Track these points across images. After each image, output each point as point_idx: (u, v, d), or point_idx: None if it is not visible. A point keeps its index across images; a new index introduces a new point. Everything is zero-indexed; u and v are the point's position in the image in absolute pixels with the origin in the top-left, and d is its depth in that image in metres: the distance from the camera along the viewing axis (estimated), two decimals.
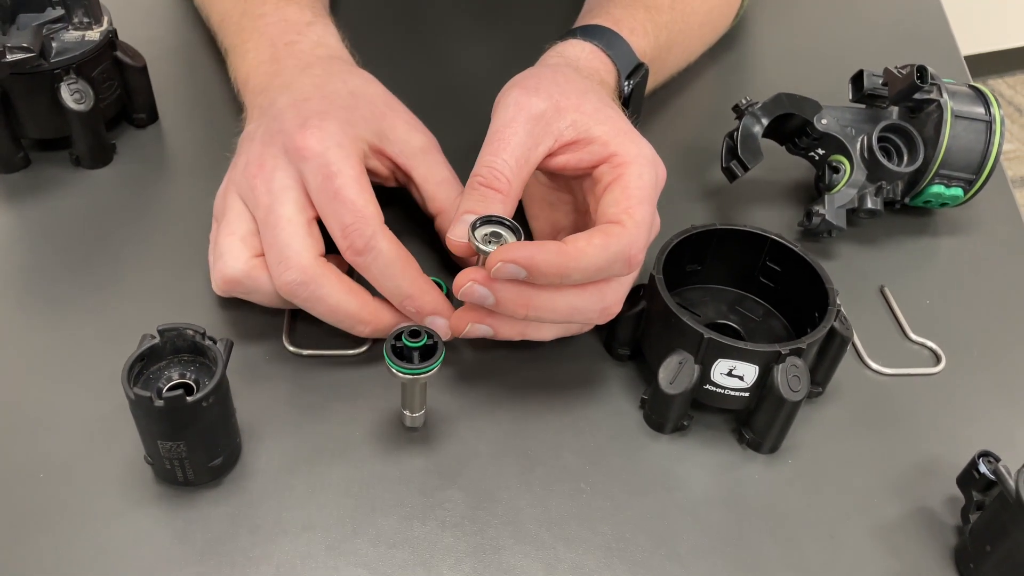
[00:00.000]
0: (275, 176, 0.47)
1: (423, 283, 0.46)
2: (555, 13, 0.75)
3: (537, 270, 0.42)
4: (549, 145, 0.47)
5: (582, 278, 0.43)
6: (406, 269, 0.46)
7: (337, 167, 0.46)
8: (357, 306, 0.46)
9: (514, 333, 0.46)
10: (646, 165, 0.46)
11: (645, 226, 0.45)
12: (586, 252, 0.43)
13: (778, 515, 0.45)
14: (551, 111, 0.47)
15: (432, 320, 0.47)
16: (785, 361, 0.44)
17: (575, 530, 0.44)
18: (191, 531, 0.42)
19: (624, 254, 0.43)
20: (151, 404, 0.39)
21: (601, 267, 0.43)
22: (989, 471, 0.43)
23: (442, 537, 0.43)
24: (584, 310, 0.45)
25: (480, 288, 0.43)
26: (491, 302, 0.43)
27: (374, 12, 0.76)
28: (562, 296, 0.44)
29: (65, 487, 0.44)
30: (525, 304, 0.43)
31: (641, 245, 0.44)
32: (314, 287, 0.45)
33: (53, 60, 0.56)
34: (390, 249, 0.45)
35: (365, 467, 0.45)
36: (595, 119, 0.47)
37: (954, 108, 0.56)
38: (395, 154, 0.51)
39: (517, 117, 0.46)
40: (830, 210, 0.57)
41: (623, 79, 0.56)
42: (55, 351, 0.50)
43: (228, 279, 0.47)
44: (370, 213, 0.45)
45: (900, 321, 0.55)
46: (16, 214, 0.57)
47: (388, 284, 0.46)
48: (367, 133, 0.49)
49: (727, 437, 0.48)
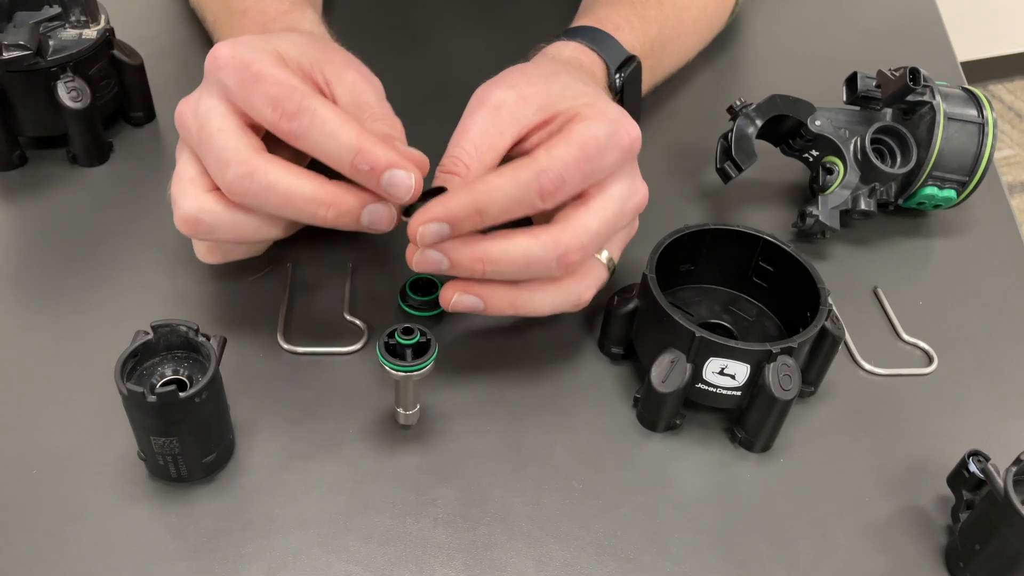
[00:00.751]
0: (200, 101, 0.45)
1: (370, 136, 0.42)
2: (550, 12, 0.75)
3: (453, 216, 0.41)
4: (516, 132, 0.46)
5: (499, 212, 0.42)
6: (347, 123, 0.42)
7: (251, 58, 0.43)
8: (313, 188, 0.43)
9: (504, 304, 0.45)
10: (599, 119, 0.45)
11: (562, 161, 0.43)
12: (493, 184, 0.42)
13: (770, 514, 0.45)
14: (514, 100, 0.46)
15: (391, 177, 0.42)
16: (776, 360, 0.44)
17: (567, 527, 0.44)
18: (184, 527, 0.42)
19: (534, 184, 0.42)
20: (144, 400, 0.39)
21: (513, 197, 0.42)
22: (979, 470, 0.43)
23: (435, 534, 0.43)
24: (541, 258, 0.44)
25: (432, 253, 0.43)
26: (446, 266, 0.43)
27: (368, 13, 0.76)
28: (513, 243, 0.43)
29: (58, 483, 0.44)
30: (479, 257, 0.43)
31: (553, 176, 0.43)
32: (260, 175, 0.42)
33: (50, 58, 0.56)
34: (325, 106, 0.42)
35: (358, 464, 0.45)
36: (561, 96, 0.47)
37: (947, 110, 0.57)
38: (322, 83, 0.47)
39: (477, 109, 0.46)
40: (824, 211, 0.57)
41: (613, 72, 0.56)
42: (49, 347, 0.50)
43: (185, 219, 0.45)
44: (296, 83, 0.43)
45: (893, 322, 0.55)
46: (12, 212, 0.57)
47: (332, 145, 0.42)
48: (295, 53, 0.46)
49: (719, 436, 0.48)
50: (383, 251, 0.56)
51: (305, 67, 0.46)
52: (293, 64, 0.46)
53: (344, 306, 0.52)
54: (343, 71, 0.47)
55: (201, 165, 0.45)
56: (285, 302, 0.52)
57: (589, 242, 0.45)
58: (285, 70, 0.43)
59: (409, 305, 0.52)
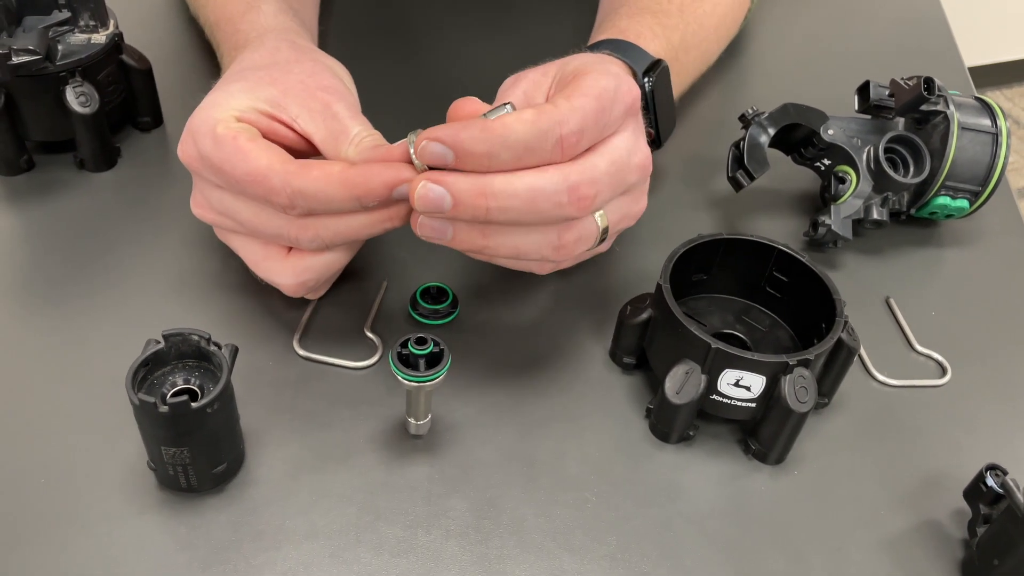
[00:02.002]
0: (208, 195, 0.47)
1: (358, 170, 0.42)
2: (556, 20, 0.75)
3: (462, 148, 0.40)
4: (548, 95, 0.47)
5: (511, 157, 0.41)
6: (332, 180, 0.42)
7: (219, 157, 0.44)
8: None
9: (474, 234, 0.43)
10: (604, 73, 0.44)
11: (582, 112, 0.42)
12: (512, 126, 0.40)
13: (784, 526, 0.45)
14: (535, 76, 0.47)
15: (399, 196, 0.42)
16: (792, 372, 0.44)
17: (580, 540, 0.43)
18: (194, 538, 0.42)
19: (554, 132, 0.41)
20: (155, 410, 0.39)
21: (530, 144, 0.41)
22: (997, 484, 0.42)
23: (446, 546, 0.43)
24: (551, 192, 0.41)
25: (435, 187, 0.41)
26: (449, 203, 0.41)
27: (367, 19, 0.75)
28: (518, 176, 0.41)
29: (67, 492, 0.43)
30: (482, 191, 0.41)
31: (574, 127, 0.41)
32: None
33: (59, 63, 0.55)
34: (308, 178, 0.42)
35: (369, 475, 0.45)
36: (574, 64, 0.46)
37: (960, 120, 0.56)
38: (289, 121, 0.47)
39: (504, 89, 0.47)
40: (836, 220, 0.56)
41: (640, 77, 0.55)
42: (58, 354, 0.49)
43: (296, 289, 0.48)
44: (272, 167, 0.43)
45: (906, 332, 0.55)
46: (20, 217, 0.57)
47: (336, 204, 0.43)
48: (253, 102, 0.46)
49: (733, 447, 0.48)
50: (422, 274, 0.54)
51: (267, 113, 0.46)
52: (255, 117, 0.46)
53: (367, 321, 0.52)
54: (305, 101, 0.47)
55: (260, 241, 0.47)
56: (310, 308, 0.52)
57: (599, 178, 0.43)
58: (255, 152, 0.43)
59: (419, 313, 0.51)
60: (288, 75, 0.48)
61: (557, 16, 0.76)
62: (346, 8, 0.75)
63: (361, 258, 0.54)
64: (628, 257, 0.57)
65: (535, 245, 0.44)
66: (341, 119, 0.46)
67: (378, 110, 0.61)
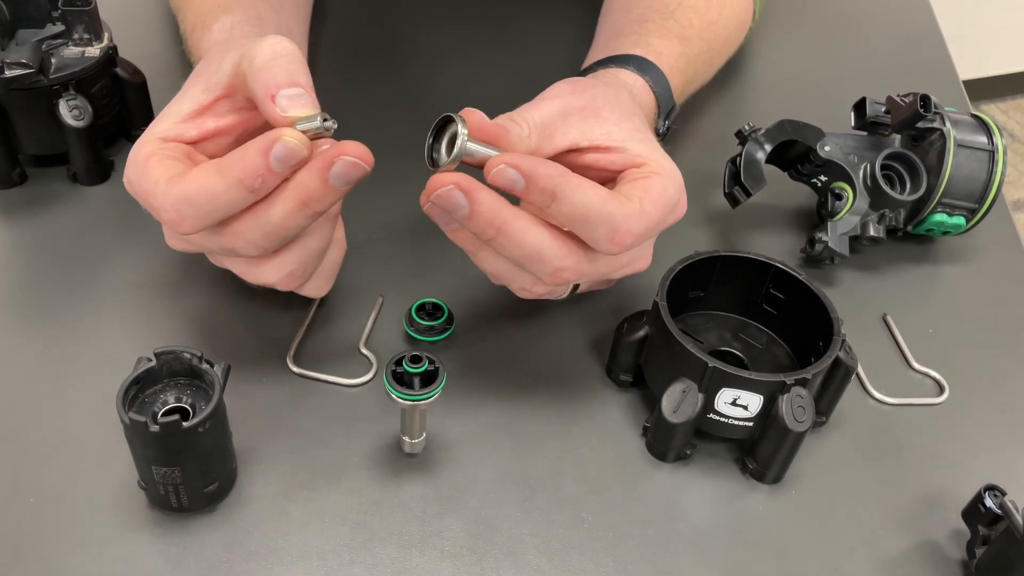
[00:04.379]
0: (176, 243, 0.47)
1: (231, 153, 0.41)
2: (556, 33, 0.75)
3: (535, 182, 0.40)
4: (577, 140, 0.45)
5: (568, 212, 0.41)
6: (213, 171, 0.41)
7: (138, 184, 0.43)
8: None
9: (467, 239, 0.44)
10: (674, 186, 0.45)
11: (648, 222, 0.43)
12: (585, 190, 0.41)
13: (781, 547, 0.44)
14: (590, 112, 0.46)
15: (277, 154, 0.40)
16: (790, 391, 0.43)
17: (577, 560, 0.43)
18: (185, 558, 0.41)
19: (614, 222, 0.41)
20: (146, 429, 0.38)
21: (590, 214, 0.41)
22: (995, 505, 0.42)
23: (441, 567, 0.42)
24: (546, 258, 0.42)
25: (458, 195, 0.40)
26: (465, 212, 0.41)
27: (361, 33, 0.75)
28: (535, 231, 0.42)
29: (56, 512, 0.43)
30: (498, 225, 0.41)
31: (635, 231, 0.42)
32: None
33: (52, 76, 0.55)
34: (188, 184, 0.41)
35: (363, 494, 0.45)
36: (634, 136, 0.46)
37: (957, 137, 0.56)
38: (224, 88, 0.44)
39: (558, 97, 0.46)
40: (832, 237, 0.56)
41: (661, 119, 0.56)
42: (48, 371, 0.49)
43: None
44: (149, 184, 0.42)
45: (903, 350, 0.54)
46: (12, 230, 0.56)
47: (223, 195, 0.41)
48: (184, 105, 0.45)
49: (730, 466, 0.48)
50: (418, 290, 0.54)
51: (192, 114, 0.44)
52: (179, 130, 0.44)
53: (362, 338, 0.51)
54: (213, 71, 0.45)
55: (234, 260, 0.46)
56: (305, 325, 0.51)
57: (591, 275, 0.44)
58: (151, 171, 0.42)
59: (415, 329, 0.51)
60: (206, 65, 0.46)
61: (555, 31, 0.76)
62: (338, 23, 0.75)
63: (356, 274, 0.54)
64: None
65: (511, 277, 0.45)
66: (242, 49, 0.43)
67: (371, 124, 0.61)
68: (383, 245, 0.57)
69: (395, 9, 0.78)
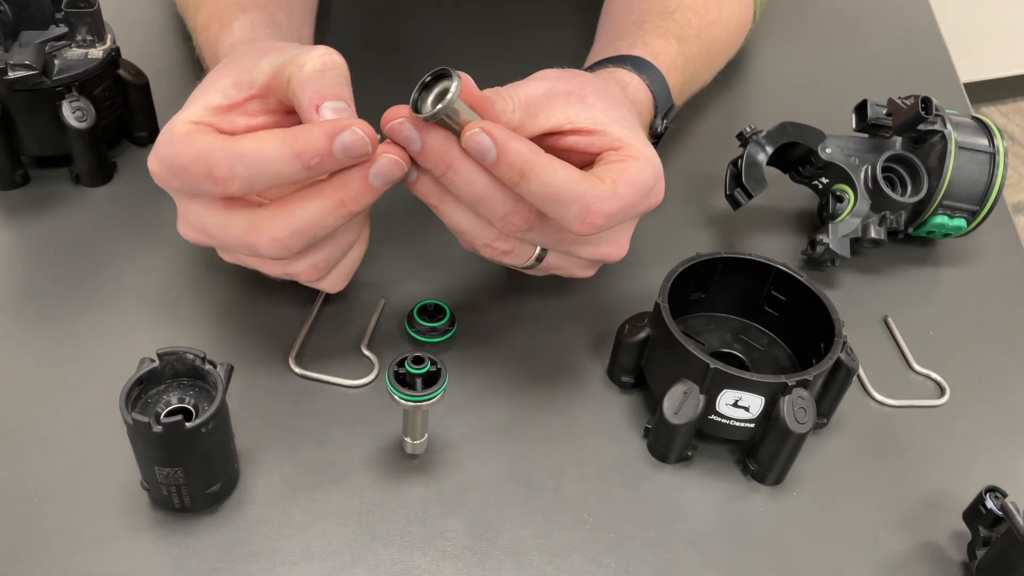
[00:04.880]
0: (186, 215, 0.46)
1: (297, 132, 0.40)
2: (556, 35, 0.75)
3: (505, 155, 0.40)
4: (560, 122, 0.45)
5: (539, 191, 0.41)
6: (268, 141, 0.40)
7: (169, 154, 0.42)
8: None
9: (429, 189, 0.44)
10: (651, 170, 0.45)
11: (621, 203, 0.42)
12: (556, 169, 0.41)
13: (782, 549, 0.45)
14: (576, 98, 0.46)
15: (342, 144, 0.40)
16: (791, 393, 0.44)
17: (578, 561, 0.43)
18: (187, 559, 0.42)
19: (585, 202, 0.41)
20: (149, 430, 0.38)
21: (560, 194, 0.41)
22: (996, 507, 0.42)
23: (443, 568, 0.42)
24: (494, 204, 0.42)
25: (407, 130, 0.41)
26: (416, 146, 0.41)
27: (365, 35, 0.76)
28: (485, 177, 0.42)
29: (58, 512, 0.43)
30: (448, 160, 0.41)
31: (607, 212, 0.42)
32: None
33: (55, 77, 0.55)
34: (245, 142, 0.40)
35: (365, 495, 0.45)
36: (619, 124, 0.46)
37: (958, 139, 0.57)
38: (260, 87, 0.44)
39: (544, 80, 0.46)
40: (834, 239, 0.56)
41: (658, 118, 0.56)
42: (51, 371, 0.49)
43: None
44: (211, 145, 0.41)
45: (904, 352, 0.55)
46: (15, 231, 0.56)
47: (277, 168, 0.40)
48: (213, 98, 0.44)
49: (731, 468, 0.48)
50: (420, 291, 0.54)
51: (221, 107, 0.44)
52: (210, 118, 0.44)
53: (364, 339, 0.52)
54: (247, 67, 0.44)
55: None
56: (307, 325, 0.52)
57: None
58: (198, 138, 0.42)
59: (416, 331, 0.51)
60: (236, 61, 0.46)
61: (555, 33, 0.76)
62: (340, 26, 0.75)
63: (358, 276, 0.54)
64: (626, 276, 0.56)
65: (473, 232, 0.45)
66: (285, 53, 0.43)
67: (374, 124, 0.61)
68: (385, 247, 0.57)
69: (395, 11, 0.78)
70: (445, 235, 0.48)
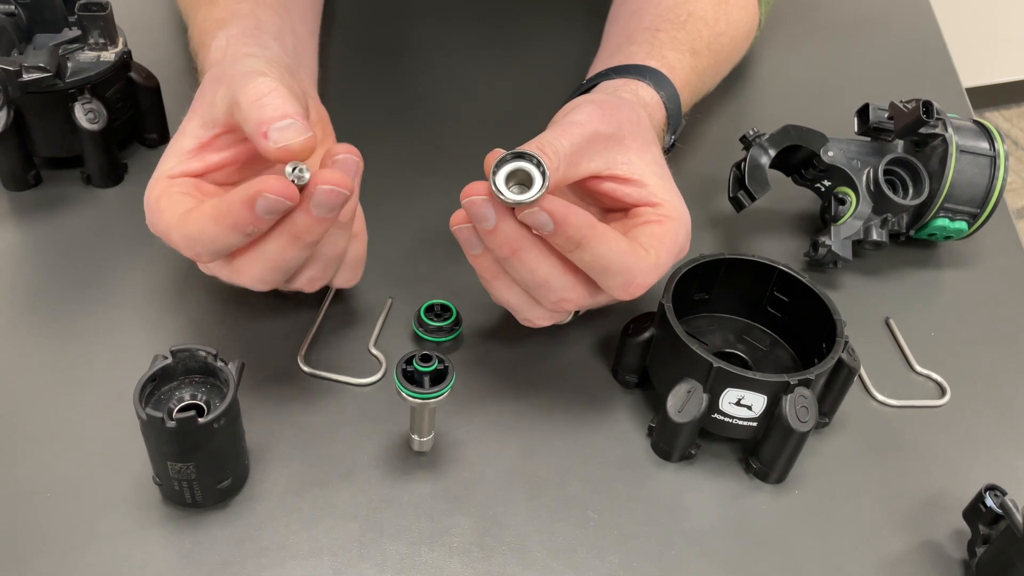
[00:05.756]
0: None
1: (222, 199, 0.42)
2: (562, 41, 0.76)
3: (563, 230, 0.41)
4: (600, 168, 0.46)
5: (590, 261, 0.43)
6: (209, 218, 0.42)
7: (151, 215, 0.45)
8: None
9: (487, 266, 0.45)
10: (684, 231, 0.47)
11: (660, 272, 0.45)
12: (610, 241, 0.43)
13: (784, 546, 0.45)
14: (615, 141, 0.47)
15: (261, 207, 0.41)
16: (794, 392, 0.44)
17: (582, 557, 0.44)
18: (197, 553, 0.42)
19: (631, 275, 0.44)
20: (162, 425, 0.39)
21: (609, 266, 0.43)
22: (996, 505, 0.43)
23: (449, 563, 0.43)
24: (553, 287, 0.44)
25: (485, 208, 0.42)
26: (489, 225, 0.42)
27: (369, 39, 0.76)
28: (547, 260, 0.43)
29: (72, 506, 0.43)
30: (515, 247, 0.43)
31: (648, 283, 0.45)
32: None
33: (68, 80, 0.56)
34: (192, 226, 0.43)
35: (372, 491, 0.45)
36: (652, 170, 0.48)
37: (959, 143, 0.57)
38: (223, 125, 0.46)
39: (587, 124, 0.46)
40: (836, 241, 0.57)
41: (669, 134, 0.57)
42: (64, 369, 0.50)
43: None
44: (165, 224, 0.44)
45: (905, 353, 0.55)
46: (27, 232, 0.57)
47: (222, 238, 0.42)
48: (187, 141, 0.46)
49: (734, 466, 0.48)
50: (427, 291, 0.55)
51: (194, 150, 0.46)
52: (185, 165, 0.46)
53: (371, 338, 0.52)
54: (208, 106, 0.46)
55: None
56: (316, 325, 0.52)
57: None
58: (164, 212, 0.44)
59: (424, 330, 0.52)
60: (200, 98, 0.48)
61: (561, 39, 0.77)
62: (347, 26, 0.76)
63: (366, 276, 0.55)
64: None
65: (521, 308, 0.47)
66: (233, 83, 0.44)
67: (379, 129, 0.62)
68: (392, 247, 0.58)
69: (401, 12, 0.79)
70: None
